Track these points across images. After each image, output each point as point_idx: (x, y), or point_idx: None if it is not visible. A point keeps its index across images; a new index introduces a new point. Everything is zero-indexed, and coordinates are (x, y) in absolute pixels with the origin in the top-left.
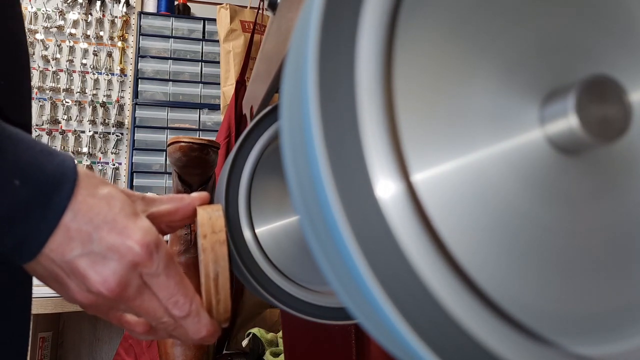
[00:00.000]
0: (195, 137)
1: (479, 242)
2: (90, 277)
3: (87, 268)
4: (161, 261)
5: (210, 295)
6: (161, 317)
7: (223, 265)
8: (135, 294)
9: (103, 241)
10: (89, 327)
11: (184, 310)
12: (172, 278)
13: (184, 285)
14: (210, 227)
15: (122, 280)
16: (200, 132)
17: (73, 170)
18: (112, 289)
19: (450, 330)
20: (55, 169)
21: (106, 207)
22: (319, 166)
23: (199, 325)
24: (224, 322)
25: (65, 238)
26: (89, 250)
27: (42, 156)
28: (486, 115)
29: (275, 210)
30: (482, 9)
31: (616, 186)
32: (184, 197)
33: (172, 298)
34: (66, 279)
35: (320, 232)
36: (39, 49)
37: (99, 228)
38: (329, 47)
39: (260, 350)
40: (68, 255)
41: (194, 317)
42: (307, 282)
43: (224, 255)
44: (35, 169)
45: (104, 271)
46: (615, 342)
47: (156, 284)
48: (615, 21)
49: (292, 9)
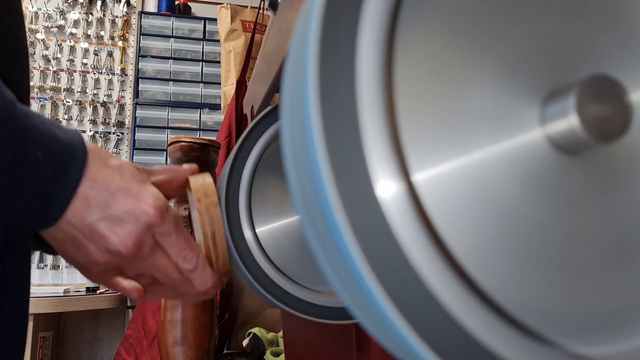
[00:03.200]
0: (196, 137)
1: (479, 241)
2: (110, 238)
3: (106, 230)
4: (171, 221)
5: (210, 252)
6: (171, 272)
7: (218, 224)
8: (148, 252)
9: (119, 206)
10: (89, 326)
11: (192, 263)
12: (181, 236)
13: (190, 241)
14: (203, 192)
15: (138, 240)
16: (201, 132)
17: (81, 142)
18: (129, 247)
19: (450, 330)
20: (67, 140)
21: (119, 176)
22: (320, 166)
23: (205, 277)
24: (224, 274)
25: (85, 204)
26: (107, 214)
27: (55, 129)
28: (487, 115)
29: (275, 210)
30: (482, 9)
31: (616, 186)
32: (177, 169)
33: (182, 253)
34: (85, 241)
35: (320, 232)
36: (39, 48)
37: (114, 194)
38: (329, 47)
39: (260, 350)
40: (88, 219)
41: (201, 268)
42: (308, 282)
43: (218, 215)
44: (51, 140)
45: (122, 232)
46: (615, 342)
47: (167, 242)
48: (615, 21)
49: (292, 8)
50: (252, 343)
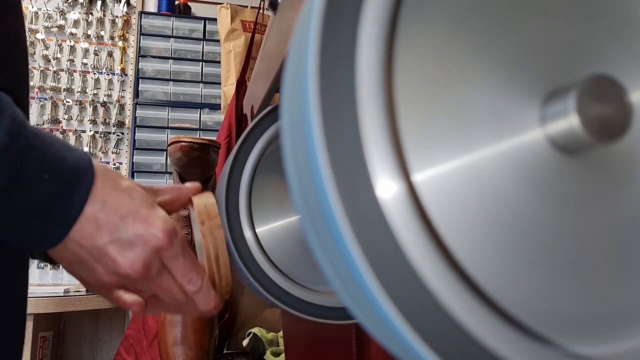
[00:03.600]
0: (196, 137)
1: (479, 241)
2: (119, 261)
3: (116, 253)
4: (179, 245)
5: (213, 273)
6: (176, 293)
7: (221, 247)
8: (155, 274)
9: (129, 230)
10: (89, 326)
11: (197, 285)
12: (187, 259)
13: (196, 264)
14: (206, 214)
15: (147, 263)
16: (201, 132)
17: (90, 163)
18: (138, 270)
19: (450, 330)
20: (75, 163)
21: (129, 199)
22: (320, 166)
23: (208, 298)
24: (226, 294)
25: (95, 226)
26: (117, 237)
27: (63, 150)
28: (487, 115)
29: (275, 210)
30: (482, 9)
31: (617, 186)
32: (181, 188)
33: (188, 276)
34: (94, 263)
35: (320, 232)
36: (39, 48)
37: (124, 218)
38: (329, 47)
39: (260, 349)
40: (98, 242)
41: (205, 291)
42: (308, 282)
43: (221, 238)
44: (60, 163)
45: (131, 255)
46: (616, 342)
47: (174, 265)
48: (615, 21)
49: (292, 8)
50: (252, 343)
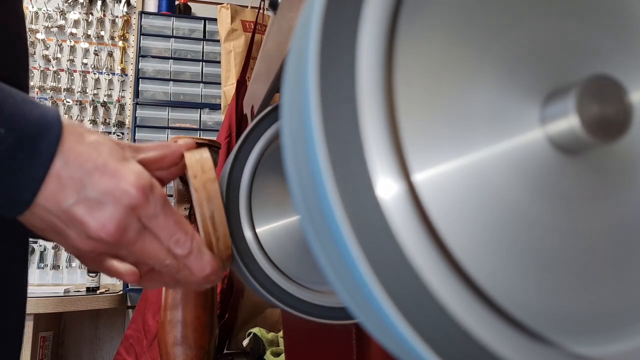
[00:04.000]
0: (196, 137)
1: (479, 241)
2: (88, 223)
3: (84, 214)
4: (158, 202)
5: (209, 234)
6: (164, 258)
7: (217, 203)
8: (135, 237)
9: (96, 186)
10: (89, 326)
11: (185, 247)
12: (170, 217)
13: (182, 223)
14: (199, 167)
15: (121, 224)
16: (201, 132)
17: (57, 118)
18: (111, 233)
19: (450, 330)
20: (39, 117)
21: (95, 153)
22: (320, 166)
23: (202, 262)
24: (226, 259)
25: (58, 186)
26: (84, 196)
27: (25, 105)
28: (487, 115)
29: (276, 210)
30: (482, 9)
31: (617, 186)
32: (170, 144)
33: (173, 237)
34: (65, 228)
35: (320, 232)
36: (40, 48)
37: (90, 174)
38: (329, 47)
39: (261, 350)
40: (64, 204)
41: (197, 253)
42: (308, 282)
43: (216, 192)
44: (19, 117)
45: (101, 216)
46: (615, 342)
47: (155, 225)
48: (615, 21)
49: (293, 8)
50: (252, 343)
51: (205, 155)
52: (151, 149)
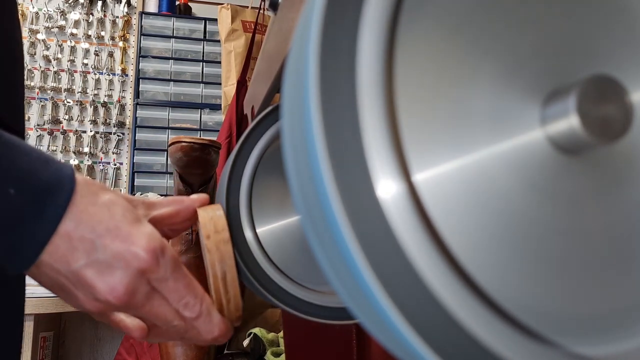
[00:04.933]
0: (197, 137)
1: (480, 242)
2: (97, 287)
3: (93, 278)
4: (168, 265)
5: (220, 295)
6: (172, 320)
7: (229, 264)
8: (144, 300)
9: (107, 249)
10: (90, 326)
11: (195, 311)
12: (180, 281)
13: (193, 286)
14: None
15: (130, 288)
16: (202, 132)
17: (70, 178)
18: (120, 297)
19: (450, 330)
20: (51, 177)
21: (108, 215)
22: (320, 166)
23: (211, 325)
24: (235, 320)
25: (69, 248)
26: (94, 259)
27: (38, 163)
28: (487, 115)
29: (276, 210)
30: (483, 9)
31: (617, 186)
32: (183, 199)
33: (182, 300)
34: (73, 288)
35: (321, 232)
36: (40, 49)
37: (102, 236)
38: (330, 47)
39: (261, 350)
40: (74, 265)
41: (206, 317)
42: (308, 282)
43: (229, 253)
44: (30, 177)
45: (111, 280)
46: (616, 342)
47: (165, 288)
48: (616, 21)
49: (293, 9)
50: (252, 343)
51: (218, 213)
52: (164, 205)
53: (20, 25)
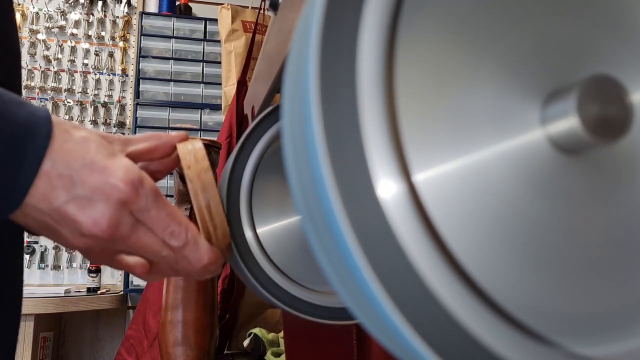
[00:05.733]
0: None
1: (480, 242)
2: (81, 221)
3: (76, 213)
4: (149, 195)
5: (207, 223)
6: (160, 250)
7: (212, 192)
8: (128, 231)
9: (86, 184)
10: (90, 326)
11: (181, 239)
12: (162, 210)
13: (175, 215)
14: (192, 158)
15: (113, 220)
16: (202, 132)
17: (46, 118)
18: (104, 229)
19: (451, 330)
20: (27, 118)
21: (83, 150)
22: (320, 166)
23: (199, 253)
24: (225, 248)
25: (48, 186)
26: (74, 194)
27: (12, 105)
28: (487, 115)
29: (276, 210)
30: (483, 9)
31: (617, 186)
32: (161, 135)
33: (167, 229)
34: (58, 227)
35: (321, 232)
36: (40, 49)
37: (78, 171)
38: (330, 47)
39: (261, 350)
40: (55, 203)
41: (192, 244)
42: (309, 282)
43: (210, 181)
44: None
45: (93, 213)
46: (616, 342)
47: (148, 218)
48: (616, 21)
49: (293, 9)
50: (252, 343)
51: (197, 145)
52: (141, 141)
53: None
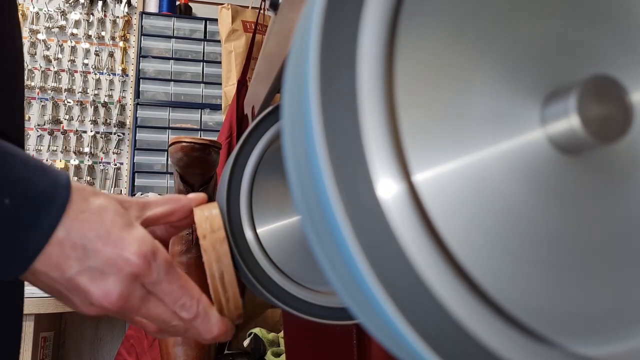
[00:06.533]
0: (197, 137)
1: (480, 242)
2: (91, 293)
3: (87, 284)
4: (161, 268)
5: (219, 295)
6: (170, 321)
7: (226, 263)
8: (139, 303)
9: (99, 255)
10: (90, 326)
11: (192, 312)
12: (174, 283)
13: (188, 287)
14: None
15: (124, 293)
16: (202, 132)
17: (66, 187)
18: (114, 302)
19: (451, 330)
20: (47, 186)
21: (98, 220)
22: (320, 166)
23: (209, 325)
24: (236, 318)
25: (62, 255)
26: (87, 266)
27: (34, 172)
28: (487, 115)
29: (276, 210)
30: (483, 9)
31: (617, 186)
32: (180, 198)
33: (179, 302)
34: (69, 294)
35: (321, 232)
36: (40, 49)
37: (93, 242)
38: (330, 47)
39: (261, 350)
40: (67, 273)
41: (204, 317)
42: (309, 282)
43: (226, 252)
44: (26, 186)
45: (104, 286)
46: (616, 342)
47: (160, 290)
48: (616, 21)
49: (293, 9)
50: (252, 343)
51: (214, 212)
52: (159, 204)
53: (21, 32)
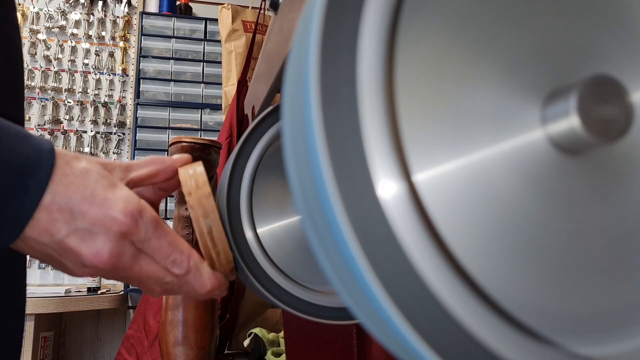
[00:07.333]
0: (197, 137)
1: (480, 242)
2: (82, 254)
3: (77, 245)
4: (149, 225)
5: (209, 250)
6: (163, 278)
7: (213, 218)
8: (131, 262)
9: (86, 217)
10: (90, 326)
11: (183, 267)
12: (163, 239)
13: (177, 243)
14: (193, 184)
15: (114, 252)
16: (202, 132)
17: (50, 152)
18: (105, 261)
19: (451, 330)
20: (32, 153)
21: (82, 183)
22: (321, 166)
23: (202, 280)
24: (229, 273)
25: (49, 219)
26: (75, 227)
27: (17, 140)
28: (488, 115)
29: (276, 210)
30: (483, 9)
31: (617, 186)
32: (164, 159)
33: (169, 257)
34: (60, 258)
35: (321, 232)
36: (40, 49)
37: (79, 205)
38: (330, 47)
39: (261, 350)
40: (57, 236)
41: (195, 272)
42: (309, 282)
43: (212, 207)
44: (11, 154)
45: (94, 246)
46: (616, 342)
47: (150, 248)
48: (616, 21)
49: (293, 9)
50: (253, 343)
51: (198, 170)
52: (143, 166)
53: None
